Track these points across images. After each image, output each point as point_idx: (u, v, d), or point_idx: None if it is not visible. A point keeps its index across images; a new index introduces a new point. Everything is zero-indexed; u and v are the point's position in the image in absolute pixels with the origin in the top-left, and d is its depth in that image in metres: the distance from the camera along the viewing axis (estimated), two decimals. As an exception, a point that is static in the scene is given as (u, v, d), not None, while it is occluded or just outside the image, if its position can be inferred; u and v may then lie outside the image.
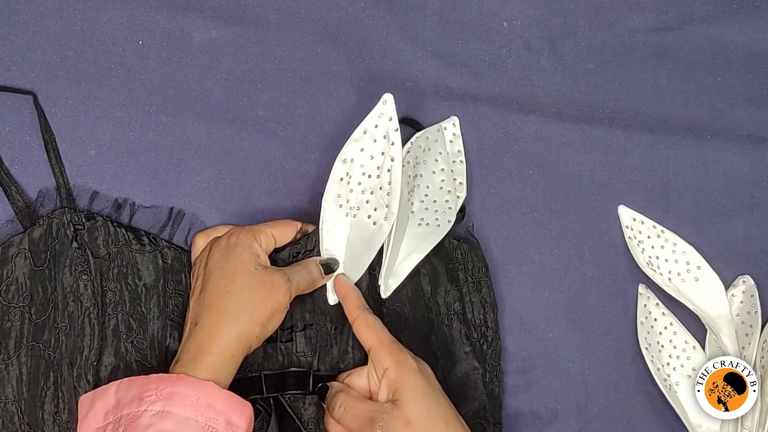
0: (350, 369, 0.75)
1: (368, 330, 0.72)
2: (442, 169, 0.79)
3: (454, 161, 0.82)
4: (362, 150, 0.76)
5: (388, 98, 0.75)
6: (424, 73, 0.86)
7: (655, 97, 0.88)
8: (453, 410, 0.69)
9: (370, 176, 0.76)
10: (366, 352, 0.72)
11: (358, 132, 0.76)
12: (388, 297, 0.78)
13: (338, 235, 0.77)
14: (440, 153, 0.79)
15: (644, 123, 0.87)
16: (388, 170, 0.75)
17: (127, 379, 0.68)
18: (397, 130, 0.75)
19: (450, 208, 0.79)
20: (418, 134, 0.81)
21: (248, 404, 0.68)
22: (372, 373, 0.72)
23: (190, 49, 0.84)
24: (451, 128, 0.83)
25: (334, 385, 0.73)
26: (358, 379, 0.73)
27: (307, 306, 0.77)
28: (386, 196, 0.75)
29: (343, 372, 0.75)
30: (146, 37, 0.84)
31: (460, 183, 0.82)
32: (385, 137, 0.75)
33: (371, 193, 0.76)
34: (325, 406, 0.72)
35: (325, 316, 0.77)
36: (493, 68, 0.87)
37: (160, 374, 0.67)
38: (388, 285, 0.78)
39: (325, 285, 0.77)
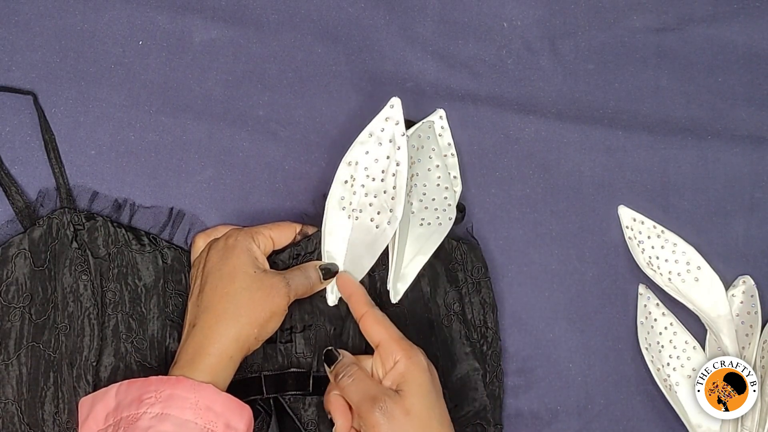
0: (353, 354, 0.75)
1: (378, 326, 0.72)
2: (437, 166, 0.79)
3: (445, 155, 0.82)
4: (367, 153, 0.76)
5: (395, 102, 0.75)
6: (424, 73, 0.86)
7: (655, 97, 0.88)
8: (448, 416, 0.70)
9: (374, 179, 0.76)
10: (373, 347, 0.72)
11: (363, 135, 0.76)
12: (389, 298, 0.78)
13: (339, 237, 0.77)
14: (433, 149, 0.79)
15: (644, 123, 0.87)
16: (393, 174, 0.75)
17: (127, 381, 0.68)
18: (403, 135, 0.75)
19: (449, 204, 0.79)
20: (408, 133, 0.81)
21: (247, 407, 0.68)
22: (378, 366, 0.71)
23: (190, 49, 0.84)
24: (438, 121, 0.83)
25: (345, 355, 0.72)
26: (363, 365, 0.73)
27: (306, 307, 0.77)
28: (390, 200, 0.75)
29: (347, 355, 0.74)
30: (146, 37, 0.84)
31: (455, 177, 0.82)
32: (391, 141, 0.75)
33: (375, 196, 0.76)
34: (329, 372, 0.72)
35: (324, 317, 0.77)
36: (493, 68, 0.87)
37: (160, 376, 0.67)
38: (397, 289, 0.78)
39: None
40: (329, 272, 0.76)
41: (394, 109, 0.75)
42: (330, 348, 0.73)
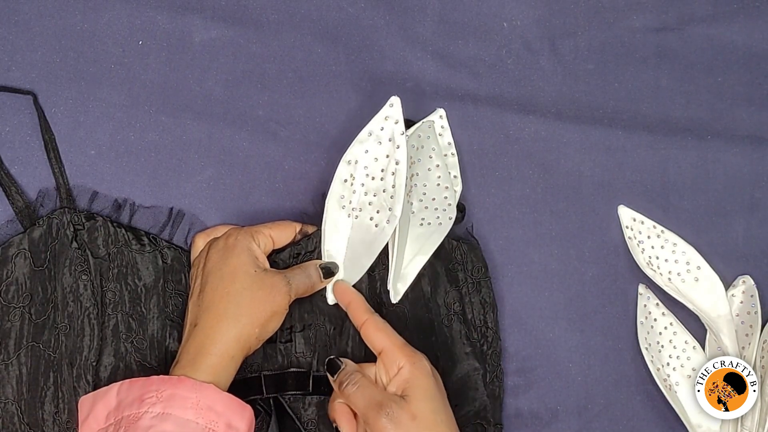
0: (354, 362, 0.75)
1: (379, 333, 0.72)
2: (437, 165, 0.79)
3: (445, 154, 0.82)
4: (367, 152, 0.76)
5: (395, 101, 0.75)
6: (424, 73, 0.86)
7: (655, 97, 0.88)
8: (454, 420, 0.70)
9: (373, 178, 0.76)
10: (374, 354, 0.72)
11: (363, 134, 0.76)
12: (388, 298, 0.78)
13: (339, 236, 0.77)
14: (433, 149, 0.79)
15: (644, 123, 0.87)
16: (393, 173, 0.75)
17: (128, 380, 0.68)
18: (403, 134, 0.75)
19: (450, 204, 0.79)
20: (409, 132, 0.81)
21: (248, 407, 0.68)
22: (381, 373, 0.71)
23: (190, 49, 0.84)
24: (438, 121, 0.83)
25: (348, 363, 0.72)
26: (366, 372, 0.73)
27: (306, 306, 0.77)
28: (389, 199, 0.75)
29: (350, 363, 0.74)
30: (146, 37, 0.84)
31: (455, 176, 0.82)
32: (390, 140, 0.75)
33: (374, 195, 0.76)
34: (333, 381, 0.72)
35: (324, 317, 0.77)
36: (493, 68, 0.87)
37: (161, 376, 0.67)
38: (397, 289, 0.78)
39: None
40: (329, 271, 0.76)
41: (393, 108, 0.75)
42: (332, 357, 0.73)
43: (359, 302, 0.74)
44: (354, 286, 0.77)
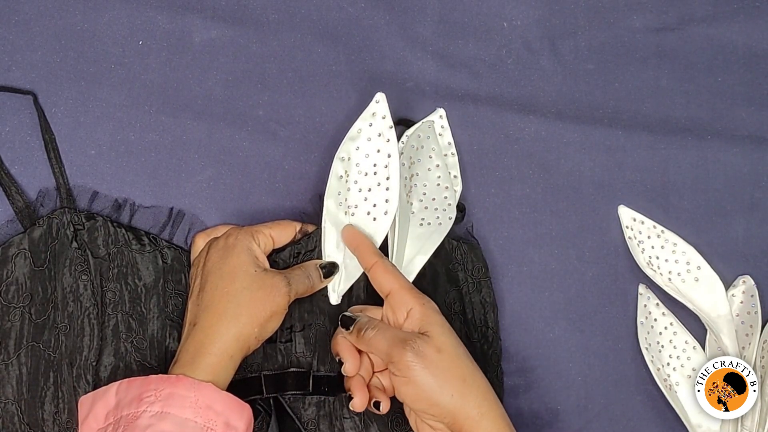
0: (360, 307, 0.75)
1: (388, 275, 0.72)
2: (437, 165, 0.79)
3: (446, 154, 0.82)
4: (358, 149, 0.76)
5: (380, 97, 0.76)
6: (424, 73, 0.86)
7: (655, 97, 0.88)
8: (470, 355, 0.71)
9: (366, 174, 0.76)
10: (383, 297, 0.72)
11: (353, 131, 0.76)
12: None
13: (338, 234, 0.77)
14: (433, 149, 0.79)
15: (644, 123, 0.87)
16: (385, 166, 0.75)
17: (127, 379, 0.68)
18: (391, 128, 0.75)
19: (450, 204, 0.79)
20: (408, 133, 0.81)
21: (247, 406, 0.68)
22: (389, 314, 0.72)
23: (190, 49, 0.84)
24: (438, 121, 0.83)
25: (363, 315, 0.73)
26: (374, 316, 0.73)
27: (306, 306, 0.77)
28: (385, 191, 0.75)
29: (355, 308, 0.75)
30: (146, 37, 0.84)
31: (455, 176, 0.82)
32: (380, 135, 0.75)
33: (369, 190, 0.76)
34: (349, 333, 0.72)
35: (324, 317, 0.77)
36: (493, 68, 0.87)
37: (160, 375, 0.67)
38: None
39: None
40: (330, 271, 0.76)
41: (379, 104, 0.76)
42: (346, 314, 0.73)
43: (368, 245, 0.74)
44: (353, 285, 0.77)
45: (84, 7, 0.83)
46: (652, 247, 0.84)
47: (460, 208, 0.82)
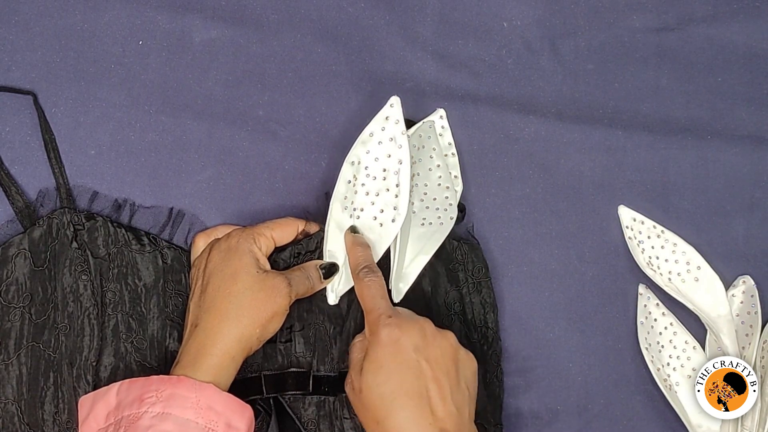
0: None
1: (364, 291, 0.72)
2: (438, 165, 0.79)
3: (446, 154, 0.82)
4: (368, 152, 0.76)
5: (395, 101, 0.75)
6: (424, 73, 0.86)
7: (655, 97, 0.88)
8: (417, 388, 0.66)
9: (375, 178, 0.76)
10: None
11: (364, 134, 0.76)
12: (390, 298, 0.78)
13: (341, 236, 0.77)
14: (434, 149, 0.79)
15: (644, 123, 0.87)
16: (396, 173, 0.75)
17: (128, 380, 0.68)
18: (404, 133, 0.75)
19: (450, 204, 0.79)
20: (409, 133, 0.81)
21: (248, 407, 0.68)
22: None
23: (190, 49, 0.84)
24: (438, 121, 0.83)
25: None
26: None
27: (306, 306, 0.77)
28: (394, 198, 0.75)
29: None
30: (146, 37, 0.84)
31: (456, 176, 0.82)
32: (391, 140, 0.75)
33: (377, 194, 0.76)
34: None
35: (324, 316, 0.77)
36: (493, 68, 0.87)
37: (161, 376, 0.67)
38: (399, 289, 0.78)
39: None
40: (329, 272, 0.76)
41: (393, 108, 0.75)
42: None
43: (358, 254, 0.75)
44: (353, 285, 0.77)
45: (84, 7, 0.83)
46: (652, 247, 0.84)
47: (461, 209, 0.82)
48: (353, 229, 0.76)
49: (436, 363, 0.67)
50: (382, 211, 0.76)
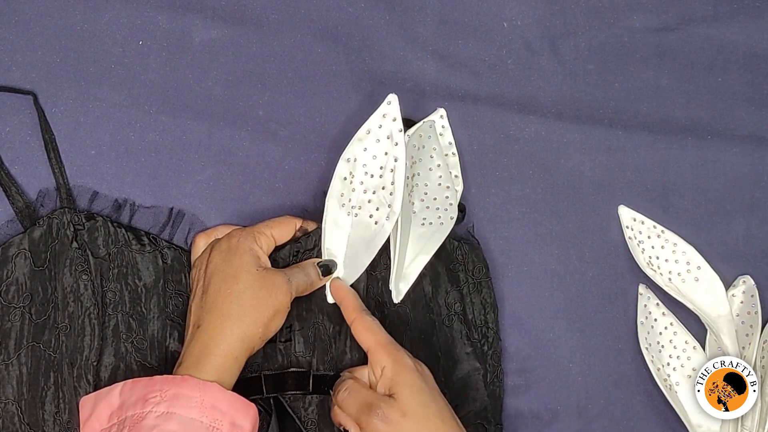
0: (349, 368, 0.75)
1: (366, 332, 0.72)
2: (438, 165, 0.79)
3: (446, 154, 0.82)
4: (365, 150, 0.76)
5: (392, 99, 0.75)
6: (424, 73, 0.86)
7: (655, 97, 0.88)
8: (449, 410, 0.70)
9: (372, 176, 0.76)
10: (365, 352, 0.73)
11: (361, 132, 0.76)
12: (389, 298, 0.78)
13: (339, 234, 0.77)
14: (434, 149, 0.79)
15: (644, 123, 0.87)
16: (392, 170, 0.75)
17: (131, 380, 0.68)
18: (401, 131, 0.75)
19: (451, 204, 0.79)
20: (409, 132, 0.81)
21: (253, 405, 0.68)
22: (371, 373, 0.72)
23: (190, 49, 0.84)
24: (439, 121, 0.83)
25: (344, 374, 0.73)
26: (359, 376, 0.73)
27: (305, 305, 0.77)
28: (389, 195, 0.75)
29: (346, 370, 0.75)
30: (146, 37, 0.84)
31: (456, 176, 0.82)
32: (388, 137, 0.75)
33: (373, 192, 0.76)
34: (332, 395, 0.72)
35: (323, 315, 0.77)
36: (493, 68, 0.87)
37: (164, 375, 0.67)
38: (399, 289, 0.78)
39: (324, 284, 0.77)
40: (328, 269, 0.76)
41: (391, 106, 0.75)
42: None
43: (350, 300, 0.75)
44: (352, 285, 0.77)
45: (84, 7, 0.83)
46: (652, 247, 0.84)
47: (461, 209, 0.82)
48: (326, 268, 0.76)
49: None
50: (378, 209, 0.76)
